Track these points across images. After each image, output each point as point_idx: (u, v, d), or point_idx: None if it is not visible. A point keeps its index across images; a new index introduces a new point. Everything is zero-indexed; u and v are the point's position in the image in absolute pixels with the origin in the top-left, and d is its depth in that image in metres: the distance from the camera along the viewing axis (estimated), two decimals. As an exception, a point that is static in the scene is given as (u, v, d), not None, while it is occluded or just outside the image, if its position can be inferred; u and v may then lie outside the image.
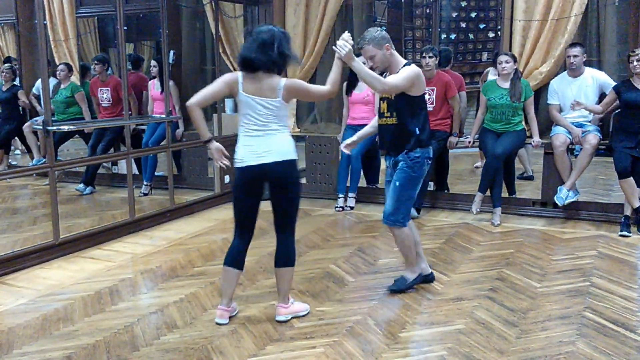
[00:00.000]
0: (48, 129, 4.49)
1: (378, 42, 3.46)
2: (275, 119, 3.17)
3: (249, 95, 3.14)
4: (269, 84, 3.13)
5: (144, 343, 3.08)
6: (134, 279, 4.08)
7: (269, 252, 4.55)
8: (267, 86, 3.13)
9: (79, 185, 6.53)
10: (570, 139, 5.26)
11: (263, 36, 3.11)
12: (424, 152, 3.58)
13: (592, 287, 3.78)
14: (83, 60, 7.24)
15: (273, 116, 3.17)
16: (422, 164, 3.59)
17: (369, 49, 3.48)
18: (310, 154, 6.51)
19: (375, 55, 3.48)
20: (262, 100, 3.13)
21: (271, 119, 3.16)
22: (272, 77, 3.14)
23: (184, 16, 6.98)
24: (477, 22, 9.55)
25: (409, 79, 3.42)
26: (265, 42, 3.09)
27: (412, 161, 3.54)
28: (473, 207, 5.57)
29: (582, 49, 5.21)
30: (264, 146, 3.15)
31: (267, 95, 3.13)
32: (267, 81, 3.12)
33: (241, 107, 3.20)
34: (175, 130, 6.29)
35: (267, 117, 3.16)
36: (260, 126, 3.17)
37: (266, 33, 3.12)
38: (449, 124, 5.70)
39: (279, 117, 3.19)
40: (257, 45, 3.09)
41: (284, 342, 3.07)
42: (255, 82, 3.13)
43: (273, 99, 3.14)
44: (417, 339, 3.11)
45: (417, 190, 3.68)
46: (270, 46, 3.09)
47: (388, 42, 3.49)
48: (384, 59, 3.51)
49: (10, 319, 3.41)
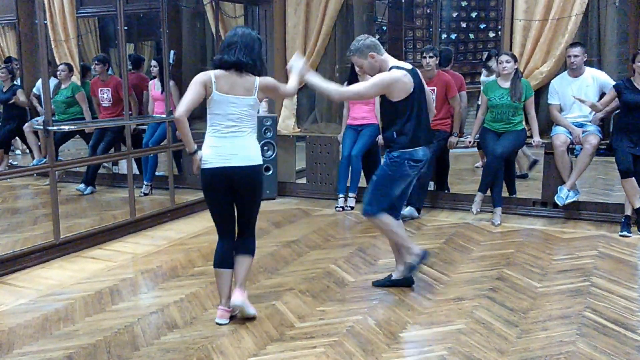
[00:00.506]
0: (48, 129, 4.50)
1: (362, 52, 3.59)
2: (248, 119, 3.20)
3: (223, 94, 3.14)
4: (245, 83, 3.15)
5: (144, 343, 3.08)
6: (134, 278, 4.08)
7: (270, 252, 4.58)
8: (244, 85, 3.15)
9: (80, 185, 6.54)
10: (571, 139, 5.26)
11: (248, 39, 3.17)
12: (404, 154, 3.60)
13: (593, 287, 3.78)
14: (84, 60, 7.24)
15: (246, 116, 3.19)
16: (401, 165, 3.61)
17: (354, 59, 3.65)
18: (311, 153, 6.51)
19: (362, 64, 3.62)
20: (236, 98, 3.15)
21: (243, 120, 3.18)
22: (249, 76, 3.17)
23: (184, 16, 6.98)
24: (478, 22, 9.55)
25: (375, 85, 3.53)
26: (250, 45, 3.17)
27: (390, 160, 3.64)
28: (473, 207, 5.58)
29: (583, 49, 5.21)
30: (232, 148, 3.16)
31: (243, 94, 3.15)
32: (244, 79, 3.15)
33: (213, 107, 3.19)
34: (175, 130, 6.29)
35: (239, 118, 3.17)
36: (230, 127, 3.18)
37: (250, 36, 3.19)
38: (450, 124, 5.70)
39: (251, 118, 3.22)
40: (246, 48, 3.15)
41: (284, 342, 3.07)
42: (230, 81, 3.14)
43: (248, 97, 3.16)
44: (418, 338, 3.12)
45: (397, 190, 3.70)
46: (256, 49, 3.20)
47: (372, 50, 3.57)
48: (372, 66, 3.62)
49: (11, 319, 3.41)
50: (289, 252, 4.64)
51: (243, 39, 3.16)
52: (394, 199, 3.73)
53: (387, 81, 3.51)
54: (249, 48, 3.16)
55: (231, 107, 3.15)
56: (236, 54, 3.13)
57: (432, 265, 4.25)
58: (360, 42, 3.59)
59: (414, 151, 3.62)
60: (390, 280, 3.83)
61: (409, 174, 3.67)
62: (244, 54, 3.14)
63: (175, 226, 5.49)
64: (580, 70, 5.24)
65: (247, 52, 3.15)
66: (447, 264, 4.30)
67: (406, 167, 3.63)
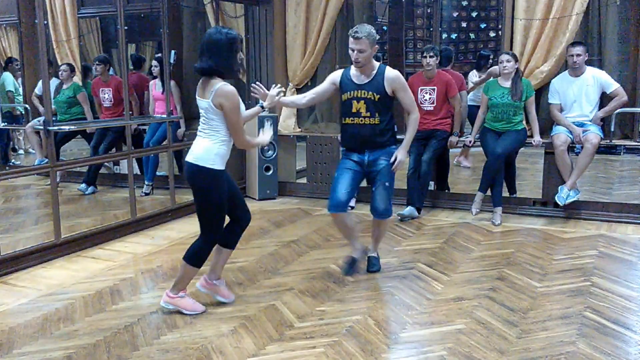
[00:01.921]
0: (49, 129, 4.50)
1: (373, 41, 3.66)
2: (206, 121, 3.27)
3: (197, 97, 3.28)
4: (206, 87, 3.22)
5: (144, 343, 3.09)
6: (135, 278, 4.09)
7: (270, 252, 4.58)
8: (205, 89, 3.23)
9: (81, 185, 6.54)
10: (572, 139, 5.26)
11: (209, 43, 3.20)
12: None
13: (593, 287, 3.77)
14: (85, 61, 7.25)
15: (204, 118, 3.28)
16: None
17: (364, 42, 3.64)
18: (311, 153, 6.52)
19: (366, 51, 3.65)
20: (199, 101, 3.27)
21: (204, 122, 3.29)
22: (212, 80, 3.20)
23: (185, 16, 6.98)
24: (478, 21, 9.56)
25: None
26: (211, 48, 3.18)
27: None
28: (473, 207, 5.58)
29: (584, 48, 5.20)
30: (191, 146, 3.33)
31: (202, 97, 3.24)
32: (207, 84, 3.22)
33: None
34: (176, 130, 6.30)
35: (202, 119, 3.29)
36: (200, 126, 3.32)
37: (210, 39, 3.22)
38: (450, 124, 5.70)
39: (209, 121, 3.26)
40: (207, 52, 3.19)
41: (284, 342, 3.07)
42: (201, 85, 3.27)
43: (202, 100, 3.24)
44: (417, 338, 3.11)
45: None
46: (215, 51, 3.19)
47: (376, 44, 3.72)
48: (370, 57, 3.71)
49: (11, 319, 3.42)
50: (289, 251, 4.64)
51: (205, 44, 3.19)
52: None
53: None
54: (210, 52, 3.16)
55: (200, 109, 3.30)
56: (198, 60, 3.22)
57: (432, 265, 4.25)
58: (374, 31, 3.67)
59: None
60: (355, 259, 3.99)
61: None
62: (203, 59, 3.18)
63: (176, 226, 5.49)
64: (581, 69, 5.24)
65: (207, 56, 3.17)
66: (447, 263, 4.30)
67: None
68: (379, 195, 3.83)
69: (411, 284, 3.88)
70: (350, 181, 3.84)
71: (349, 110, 3.81)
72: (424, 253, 4.53)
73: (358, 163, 3.88)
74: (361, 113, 3.76)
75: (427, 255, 4.47)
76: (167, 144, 5.86)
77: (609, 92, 5.19)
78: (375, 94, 3.75)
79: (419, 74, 5.79)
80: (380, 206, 3.83)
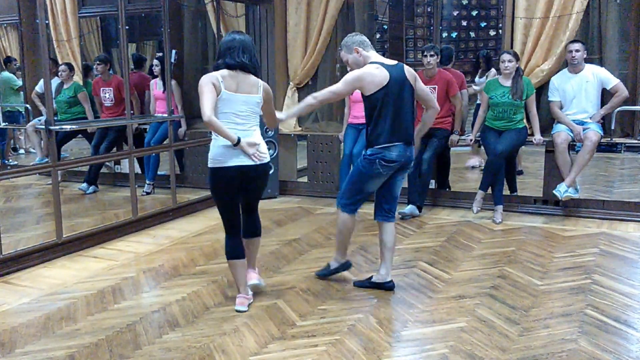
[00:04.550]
0: (50, 128, 4.51)
1: (348, 47, 3.69)
2: (254, 116, 3.35)
3: (232, 92, 3.25)
4: (250, 82, 3.30)
5: (146, 342, 3.09)
6: (136, 277, 4.10)
7: (271, 251, 4.59)
8: (250, 84, 3.29)
9: (82, 184, 6.55)
10: (572, 137, 5.26)
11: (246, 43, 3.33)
12: (377, 153, 3.55)
13: (594, 285, 3.78)
14: (86, 60, 7.25)
15: (253, 113, 3.33)
16: (372, 163, 3.56)
17: (341, 54, 3.80)
18: (312, 152, 6.52)
19: (347, 59, 3.71)
20: (244, 96, 3.27)
21: (250, 117, 3.32)
22: (252, 76, 3.32)
23: (185, 15, 6.99)
24: (479, 20, 9.56)
25: (346, 81, 3.58)
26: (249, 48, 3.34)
27: (363, 157, 3.66)
28: (474, 206, 5.59)
29: (583, 45, 5.20)
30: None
31: (250, 92, 3.29)
32: (249, 79, 3.29)
33: (221, 106, 3.25)
34: (177, 130, 6.31)
35: (248, 115, 3.31)
36: (240, 124, 3.29)
37: (248, 41, 3.36)
38: (450, 122, 5.70)
39: (257, 115, 3.36)
40: (246, 51, 3.31)
41: (286, 341, 3.08)
42: (236, 80, 3.27)
43: (255, 95, 3.30)
44: (419, 337, 3.12)
45: (369, 188, 3.68)
46: (253, 53, 3.37)
47: (359, 45, 3.66)
48: (356, 61, 3.68)
49: (13, 318, 3.42)
50: (291, 250, 4.65)
51: (242, 43, 3.31)
52: (367, 195, 3.74)
53: (356, 75, 3.54)
54: (248, 51, 3.31)
55: (240, 105, 3.26)
56: (239, 56, 3.27)
57: (434, 263, 4.26)
58: (349, 38, 3.71)
59: (387, 151, 3.54)
60: (370, 282, 3.81)
61: (381, 173, 3.59)
62: (245, 57, 3.28)
63: (177, 225, 5.50)
64: (581, 66, 5.24)
65: (247, 54, 3.30)
66: (448, 262, 4.30)
67: (377, 166, 3.56)
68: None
69: (412, 283, 3.89)
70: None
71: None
72: (425, 251, 4.54)
73: None
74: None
75: (429, 254, 4.48)
76: (168, 143, 5.87)
77: (609, 88, 5.19)
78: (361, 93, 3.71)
79: (420, 72, 5.79)
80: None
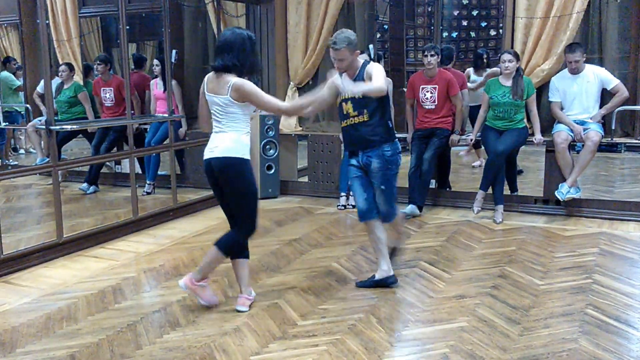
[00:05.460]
0: (51, 128, 4.51)
1: (353, 47, 3.59)
2: (225, 116, 3.34)
3: (209, 94, 3.35)
4: (222, 83, 3.30)
5: (147, 342, 3.10)
6: (137, 277, 4.10)
7: (272, 251, 4.59)
8: (221, 85, 3.30)
9: (83, 184, 6.55)
10: (572, 137, 5.26)
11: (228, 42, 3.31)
12: (397, 146, 3.79)
13: (594, 284, 3.78)
14: (86, 60, 7.25)
15: (223, 113, 3.33)
16: (399, 156, 3.82)
17: (343, 52, 3.57)
18: (313, 152, 6.52)
19: (346, 59, 3.60)
20: (215, 97, 3.32)
21: (222, 117, 3.34)
22: (226, 76, 3.30)
23: (186, 15, 6.99)
24: (479, 20, 9.56)
25: (384, 78, 3.57)
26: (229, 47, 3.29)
27: (392, 156, 3.73)
28: (474, 206, 5.59)
29: (582, 51, 5.18)
30: (214, 142, 3.37)
31: (219, 93, 3.31)
32: (222, 80, 3.30)
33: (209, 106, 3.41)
34: (177, 129, 6.30)
35: (220, 115, 3.34)
36: (216, 123, 3.39)
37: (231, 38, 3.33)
38: (451, 122, 5.70)
39: (228, 116, 3.33)
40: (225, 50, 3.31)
41: (286, 341, 3.08)
42: (215, 82, 3.34)
43: (220, 96, 3.30)
44: (420, 336, 3.12)
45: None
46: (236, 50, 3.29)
47: (357, 49, 3.65)
48: (352, 63, 3.65)
49: (14, 318, 3.42)
50: (291, 250, 4.65)
51: (222, 43, 3.34)
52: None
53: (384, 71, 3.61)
54: (228, 50, 3.29)
55: (213, 105, 3.36)
56: (215, 59, 3.35)
57: (434, 263, 4.26)
58: (354, 37, 3.60)
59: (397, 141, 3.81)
60: (374, 281, 3.81)
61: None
62: (222, 57, 3.29)
63: (177, 225, 5.50)
64: (581, 67, 5.23)
65: (225, 55, 3.29)
66: (448, 261, 4.30)
67: (400, 157, 3.83)
68: (378, 199, 3.78)
69: (413, 282, 3.89)
70: (362, 187, 3.80)
71: (341, 113, 3.78)
72: (425, 251, 4.54)
73: (358, 167, 3.82)
74: (349, 114, 3.69)
75: (429, 254, 4.48)
76: (169, 143, 5.87)
77: (610, 89, 5.19)
78: None
79: (420, 72, 5.79)
80: (381, 210, 3.78)
